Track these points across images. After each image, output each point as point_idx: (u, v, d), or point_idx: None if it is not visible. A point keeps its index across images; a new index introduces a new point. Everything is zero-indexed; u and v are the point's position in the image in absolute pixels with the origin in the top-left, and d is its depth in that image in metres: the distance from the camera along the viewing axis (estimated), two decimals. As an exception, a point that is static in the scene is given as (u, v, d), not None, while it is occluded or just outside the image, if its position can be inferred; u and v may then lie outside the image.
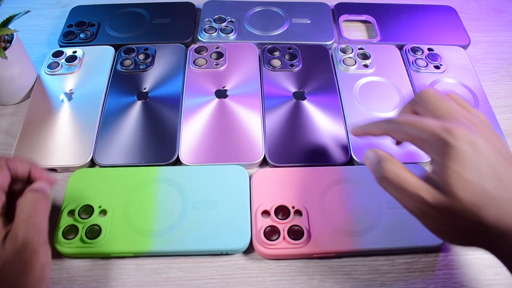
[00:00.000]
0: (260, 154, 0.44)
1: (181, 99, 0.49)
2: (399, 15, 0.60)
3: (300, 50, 0.54)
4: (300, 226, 0.38)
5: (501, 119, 0.48)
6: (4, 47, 0.45)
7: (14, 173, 0.33)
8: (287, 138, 0.45)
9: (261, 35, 0.56)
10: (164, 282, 0.37)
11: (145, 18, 0.58)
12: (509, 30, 0.61)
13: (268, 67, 0.52)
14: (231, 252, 0.38)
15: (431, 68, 0.52)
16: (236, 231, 0.38)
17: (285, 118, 0.47)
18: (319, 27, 0.57)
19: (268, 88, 0.50)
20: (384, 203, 0.40)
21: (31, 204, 0.31)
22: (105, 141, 0.45)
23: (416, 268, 0.38)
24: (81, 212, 0.39)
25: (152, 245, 0.37)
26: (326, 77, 0.51)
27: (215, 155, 0.44)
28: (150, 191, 0.41)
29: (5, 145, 0.47)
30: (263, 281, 0.37)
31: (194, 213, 0.39)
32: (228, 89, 0.49)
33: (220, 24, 0.57)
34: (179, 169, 0.43)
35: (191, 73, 0.51)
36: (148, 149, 0.44)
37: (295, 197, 0.40)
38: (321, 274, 0.38)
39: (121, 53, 0.53)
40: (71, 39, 0.55)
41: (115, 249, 0.37)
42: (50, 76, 0.51)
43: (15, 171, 0.33)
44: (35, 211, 0.30)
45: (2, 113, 0.49)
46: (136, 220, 0.39)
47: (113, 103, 0.48)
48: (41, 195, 0.32)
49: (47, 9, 0.63)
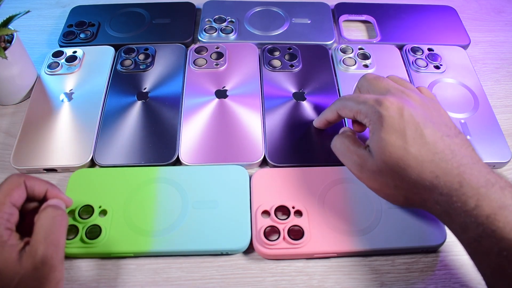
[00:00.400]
0: (260, 154, 0.44)
1: (181, 99, 0.49)
2: (399, 15, 0.60)
3: (300, 50, 0.54)
4: (300, 226, 0.38)
5: (501, 119, 0.48)
6: (4, 47, 0.45)
7: (31, 192, 0.33)
8: (287, 139, 0.45)
9: (261, 35, 0.56)
10: (164, 282, 0.37)
11: (145, 18, 0.58)
12: (509, 30, 0.61)
13: (268, 68, 0.52)
14: (231, 252, 0.38)
15: (431, 68, 0.52)
16: (236, 231, 0.38)
17: (285, 118, 0.47)
18: (319, 27, 0.57)
19: (268, 89, 0.50)
20: (384, 203, 0.40)
21: (51, 221, 0.31)
22: (105, 141, 0.45)
23: (416, 268, 0.38)
24: (81, 212, 0.39)
25: (152, 245, 0.37)
26: (325, 77, 0.51)
27: (215, 155, 0.44)
28: (150, 191, 0.41)
29: (5, 145, 0.47)
30: (263, 281, 0.37)
31: (194, 213, 0.39)
32: (228, 89, 0.49)
33: (220, 24, 0.57)
34: (179, 169, 0.43)
35: (191, 73, 0.51)
36: (148, 149, 0.44)
37: (295, 197, 0.40)
38: (321, 274, 0.38)
39: (121, 53, 0.53)
40: (71, 39, 0.55)
41: (115, 249, 0.37)
42: (50, 76, 0.51)
43: (32, 189, 0.33)
44: (55, 229, 0.31)
45: (2, 113, 0.50)
46: (136, 220, 0.39)
47: (113, 103, 0.48)
48: (61, 212, 0.32)
49: (47, 9, 0.63)
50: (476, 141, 0.45)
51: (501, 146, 0.45)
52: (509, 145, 0.45)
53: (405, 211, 0.40)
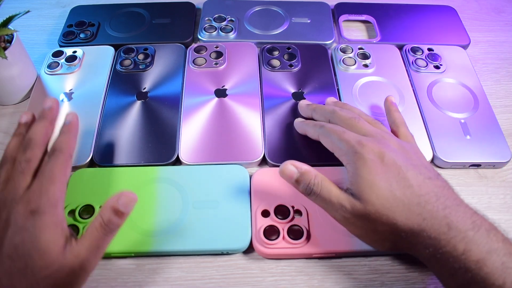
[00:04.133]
0: (259, 153, 0.44)
1: (181, 98, 0.49)
2: (399, 15, 0.60)
3: (299, 50, 0.54)
4: (300, 226, 0.38)
5: (501, 119, 0.48)
6: (4, 47, 0.45)
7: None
8: (287, 138, 0.45)
9: (261, 34, 0.56)
10: (164, 282, 0.37)
11: (145, 18, 0.58)
12: (509, 30, 0.61)
13: (267, 67, 0.52)
14: (232, 251, 0.38)
15: (431, 68, 0.52)
16: (237, 231, 0.38)
17: (284, 118, 0.47)
18: (319, 27, 0.57)
19: (267, 89, 0.50)
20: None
21: (102, 235, 0.32)
22: (105, 141, 0.45)
23: (416, 268, 0.38)
24: (81, 212, 0.39)
25: (153, 245, 0.37)
26: (324, 77, 0.51)
27: (215, 154, 0.44)
28: (150, 191, 0.41)
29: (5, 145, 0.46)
30: (263, 281, 0.37)
31: (195, 213, 0.39)
32: (227, 88, 0.50)
33: (220, 23, 0.57)
34: (180, 169, 0.43)
35: (191, 72, 0.51)
36: (148, 149, 0.44)
37: (295, 197, 0.40)
38: (321, 274, 0.38)
39: (121, 53, 0.53)
40: (71, 39, 0.55)
41: (116, 249, 0.37)
42: (50, 76, 0.51)
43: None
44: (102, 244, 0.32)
45: (2, 113, 0.50)
46: (136, 220, 0.39)
47: (113, 103, 0.48)
48: (113, 233, 0.33)
49: (47, 9, 0.63)
50: (476, 141, 0.45)
51: (501, 146, 0.45)
52: (509, 145, 0.45)
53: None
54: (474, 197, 0.43)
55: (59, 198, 0.32)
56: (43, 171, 0.33)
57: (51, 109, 0.37)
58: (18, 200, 0.31)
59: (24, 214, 0.30)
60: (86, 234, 0.32)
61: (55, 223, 0.31)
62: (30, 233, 0.30)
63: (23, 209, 0.31)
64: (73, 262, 0.30)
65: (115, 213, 0.32)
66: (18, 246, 0.30)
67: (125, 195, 0.32)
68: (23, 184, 0.32)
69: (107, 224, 0.32)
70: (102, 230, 0.31)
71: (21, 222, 0.30)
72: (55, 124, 0.37)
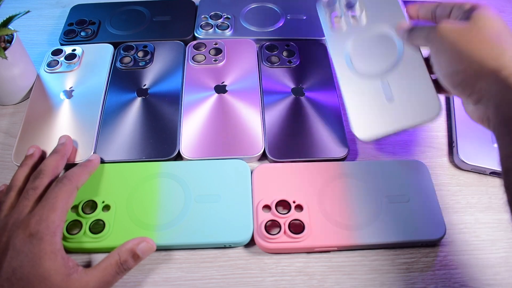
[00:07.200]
0: (260, 148, 0.44)
1: (181, 95, 0.49)
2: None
3: (298, 47, 0.54)
4: (301, 221, 0.38)
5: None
6: (4, 47, 0.45)
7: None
8: (287, 134, 0.46)
9: (257, 31, 0.57)
10: (164, 282, 0.37)
11: (146, 16, 0.59)
12: (508, 28, 0.61)
13: (267, 64, 0.52)
14: (234, 245, 0.39)
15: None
16: (239, 224, 0.39)
17: (284, 114, 0.47)
18: (315, 23, 0.58)
19: (267, 85, 0.50)
20: (384, 198, 0.40)
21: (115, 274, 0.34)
22: (106, 138, 0.45)
23: (416, 268, 0.38)
24: (84, 207, 0.39)
25: (156, 239, 0.37)
26: (324, 72, 0.52)
27: (216, 149, 0.44)
28: (152, 186, 0.41)
29: (5, 145, 0.47)
30: (263, 281, 0.37)
31: (197, 207, 0.40)
32: (227, 85, 0.50)
33: (216, 21, 0.57)
34: (181, 163, 0.43)
35: (190, 69, 0.52)
36: (149, 145, 0.44)
37: (296, 192, 0.41)
38: (321, 274, 0.38)
39: (120, 50, 0.53)
40: (72, 37, 0.55)
41: (119, 244, 0.37)
42: (49, 74, 0.51)
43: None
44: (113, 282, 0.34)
45: (2, 113, 0.50)
46: (139, 214, 0.39)
47: (113, 100, 0.48)
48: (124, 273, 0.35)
49: (47, 9, 0.63)
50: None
51: None
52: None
53: (404, 206, 0.40)
54: (474, 197, 0.43)
55: (58, 227, 0.33)
56: (48, 196, 0.35)
57: (64, 145, 0.41)
58: (19, 224, 0.33)
59: (23, 237, 0.32)
60: (99, 268, 0.33)
61: (53, 251, 0.32)
62: (29, 258, 0.31)
63: (22, 233, 0.32)
64: (98, 279, 0.32)
65: (132, 256, 0.34)
66: (17, 269, 0.31)
67: (146, 242, 0.35)
68: (26, 209, 0.34)
69: (123, 263, 0.34)
70: (117, 268, 0.33)
71: (19, 246, 0.31)
72: (66, 159, 0.41)
